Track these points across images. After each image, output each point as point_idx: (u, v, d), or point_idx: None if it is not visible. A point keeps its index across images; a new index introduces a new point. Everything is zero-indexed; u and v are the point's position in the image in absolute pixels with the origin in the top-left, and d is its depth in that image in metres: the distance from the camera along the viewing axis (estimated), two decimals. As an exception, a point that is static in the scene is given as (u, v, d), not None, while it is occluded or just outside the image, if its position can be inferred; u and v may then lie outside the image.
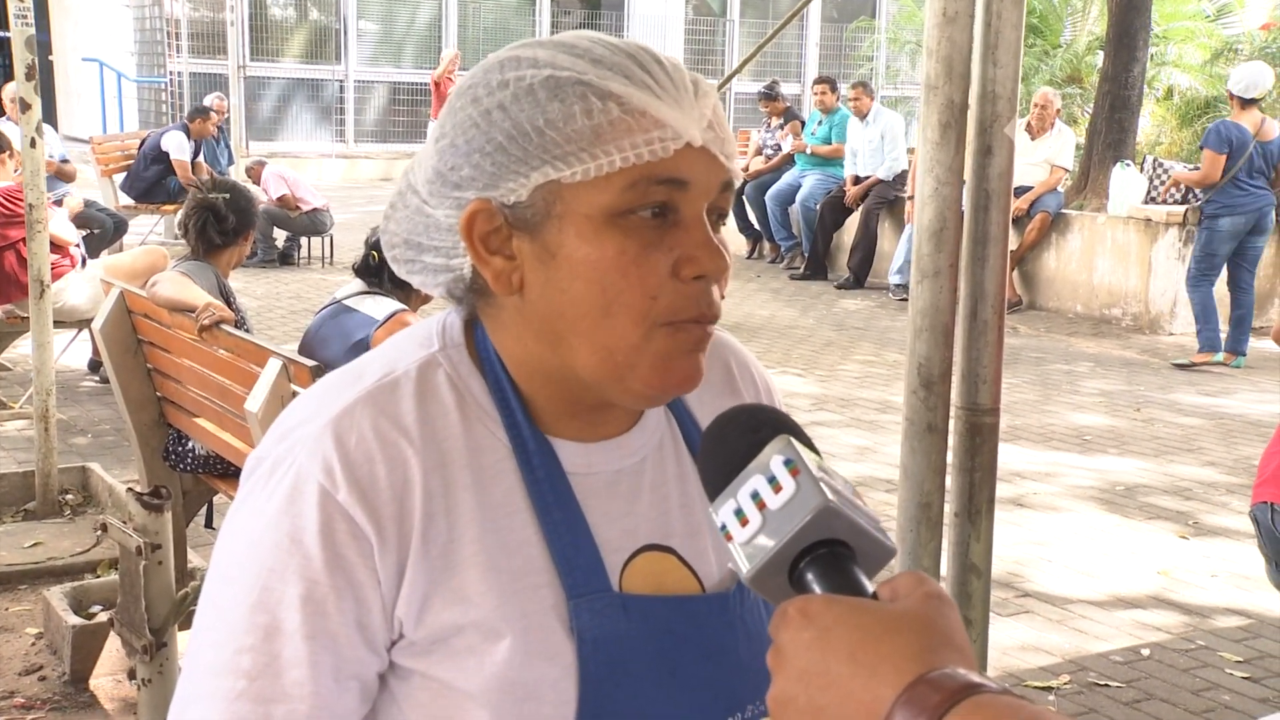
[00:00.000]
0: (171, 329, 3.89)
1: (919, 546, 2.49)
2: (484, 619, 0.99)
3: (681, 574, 1.09)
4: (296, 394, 2.84)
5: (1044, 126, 10.34)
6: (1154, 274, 9.57)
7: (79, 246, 6.98)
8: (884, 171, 11.09)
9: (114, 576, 3.63)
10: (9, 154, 6.37)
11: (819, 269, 11.60)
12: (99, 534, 2.99)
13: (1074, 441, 6.61)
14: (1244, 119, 8.41)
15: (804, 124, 12.25)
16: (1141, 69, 11.49)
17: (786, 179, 12.00)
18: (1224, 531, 5.26)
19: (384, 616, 0.99)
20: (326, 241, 11.39)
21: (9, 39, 4.76)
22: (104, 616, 3.57)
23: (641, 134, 0.98)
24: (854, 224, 11.37)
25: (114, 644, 3.45)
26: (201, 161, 11.13)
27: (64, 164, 9.59)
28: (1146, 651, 4.07)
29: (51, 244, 5.44)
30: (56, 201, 7.05)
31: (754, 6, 22.05)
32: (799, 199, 11.74)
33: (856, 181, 11.33)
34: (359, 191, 16.38)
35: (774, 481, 0.82)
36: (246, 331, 3.89)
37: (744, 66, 3.62)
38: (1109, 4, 11.91)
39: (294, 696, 0.96)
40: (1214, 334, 8.55)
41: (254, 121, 17.89)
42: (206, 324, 3.66)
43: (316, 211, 11.09)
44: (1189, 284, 8.73)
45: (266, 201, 10.50)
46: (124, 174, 11.23)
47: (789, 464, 0.82)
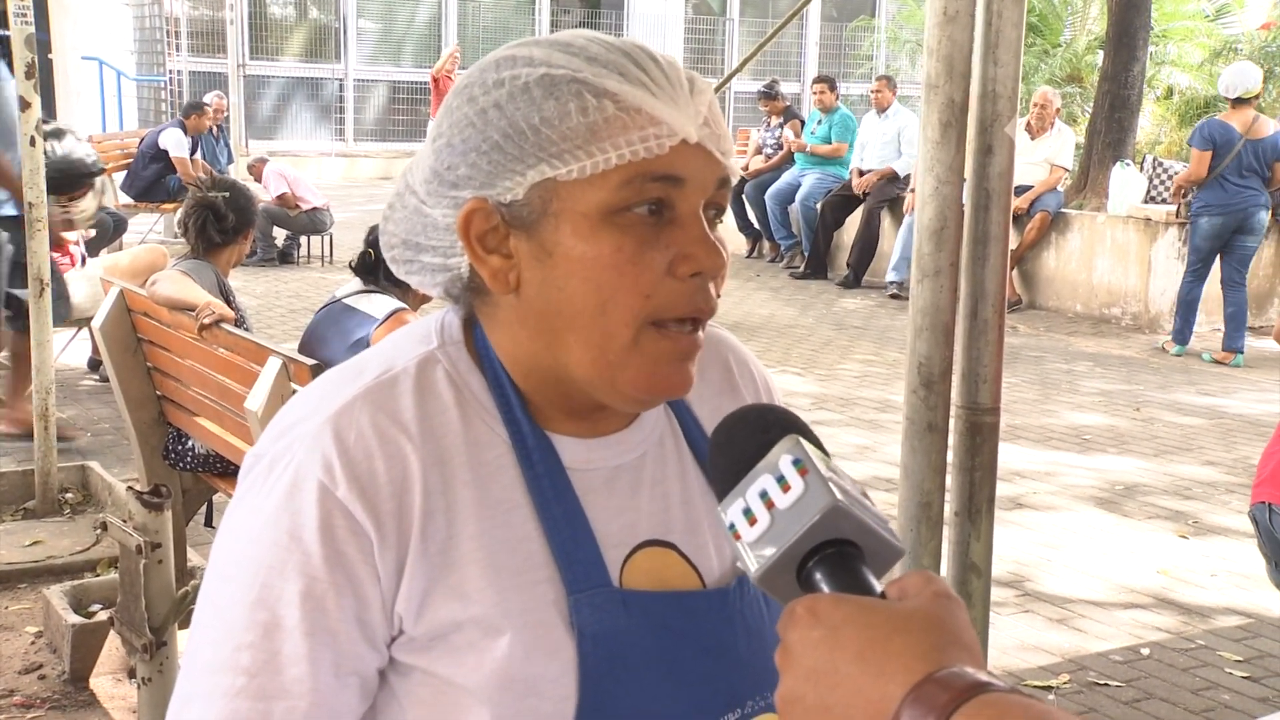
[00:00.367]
0: (171, 328, 3.89)
1: (919, 546, 2.49)
2: (484, 615, 0.99)
3: (682, 569, 1.09)
4: (296, 392, 2.84)
5: (1044, 126, 10.34)
6: (1153, 273, 9.58)
7: (79, 245, 6.99)
8: (901, 166, 11.00)
9: (114, 575, 3.63)
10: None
11: (819, 268, 11.59)
12: (99, 533, 2.99)
13: (1074, 441, 6.61)
14: (1234, 118, 8.54)
15: (804, 123, 12.25)
16: (1141, 68, 11.49)
17: (786, 178, 11.99)
18: (1224, 531, 5.26)
19: (384, 613, 0.99)
20: (326, 240, 11.39)
21: (9, 37, 4.76)
22: (104, 615, 3.57)
23: (637, 131, 0.98)
24: (854, 223, 11.36)
25: (114, 643, 3.45)
26: (199, 159, 11.12)
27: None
28: (1146, 651, 4.07)
29: (51, 242, 5.44)
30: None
31: (754, 5, 22.04)
32: (799, 198, 11.73)
33: (862, 175, 11.31)
34: (358, 190, 16.37)
35: (783, 481, 0.82)
36: (246, 330, 3.89)
37: (744, 66, 3.62)
38: (1109, 3, 11.91)
39: (294, 693, 0.96)
40: (1183, 328, 8.80)
41: (254, 120, 17.88)
42: (206, 322, 3.66)
43: (316, 210, 11.09)
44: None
45: (266, 200, 10.50)
46: (123, 173, 11.22)
47: (798, 464, 0.82)
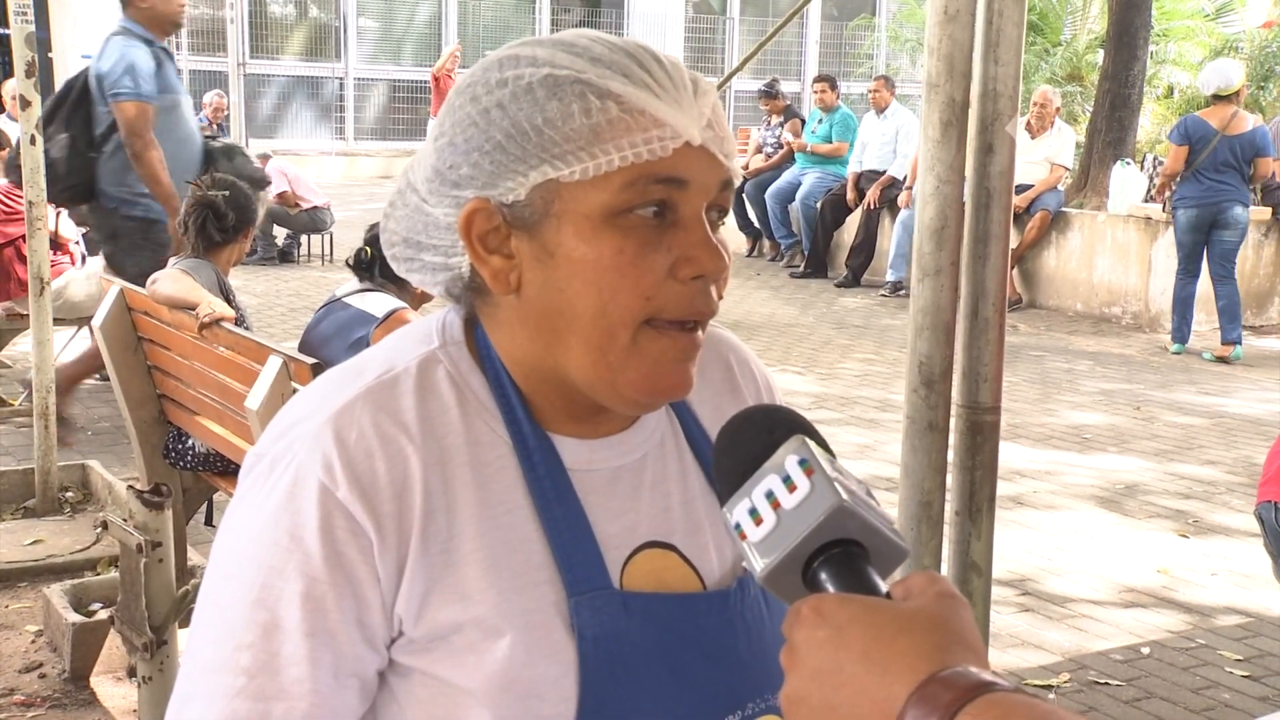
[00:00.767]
0: (172, 326, 3.88)
1: (920, 545, 2.49)
2: (484, 616, 0.99)
3: (682, 571, 1.09)
4: (297, 391, 2.83)
5: (1044, 125, 10.34)
6: (1154, 272, 9.57)
7: (79, 244, 6.99)
8: (896, 168, 11.02)
9: (114, 574, 3.63)
10: (8, 151, 6.37)
11: (819, 267, 11.59)
12: (99, 531, 2.99)
13: (1074, 440, 6.61)
14: (1213, 114, 8.66)
15: (804, 122, 12.25)
16: (1142, 67, 11.49)
17: (786, 177, 12.00)
18: (1224, 530, 5.25)
19: (384, 614, 0.99)
20: (326, 239, 11.39)
21: (9, 36, 4.76)
22: (104, 614, 3.57)
23: (640, 133, 0.98)
24: (854, 222, 11.36)
25: (114, 641, 3.45)
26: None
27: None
28: (1146, 650, 4.07)
29: (51, 241, 5.44)
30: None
31: (754, 4, 22.05)
32: (799, 197, 11.73)
33: (860, 175, 11.31)
34: (359, 189, 16.38)
35: (789, 481, 0.82)
36: (246, 329, 3.88)
37: (744, 65, 3.62)
38: (1109, 2, 11.91)
39: (293, 694, 0.95)
40: (1181, 325, 8.82)
41: (254, 119, 17.88)
42: (206, 321, 3.65)
43: (317, 209, 11.09)
44: None
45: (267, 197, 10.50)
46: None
47: (804, 464, 0.82)
